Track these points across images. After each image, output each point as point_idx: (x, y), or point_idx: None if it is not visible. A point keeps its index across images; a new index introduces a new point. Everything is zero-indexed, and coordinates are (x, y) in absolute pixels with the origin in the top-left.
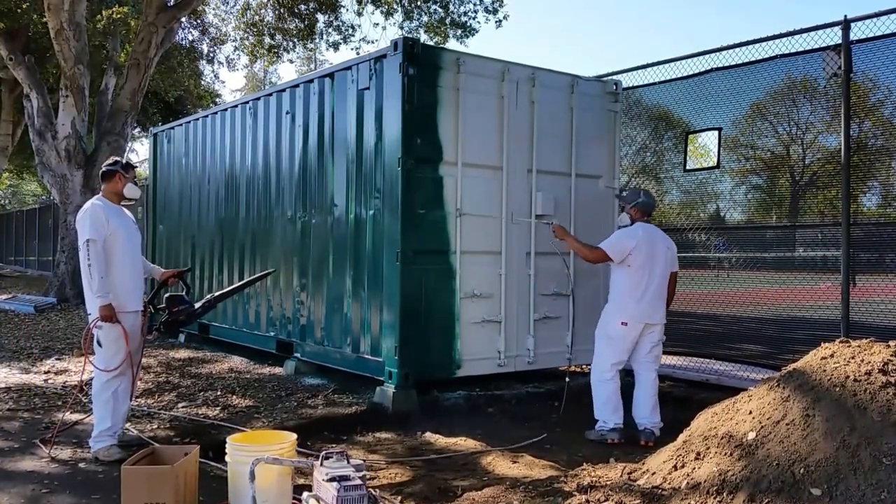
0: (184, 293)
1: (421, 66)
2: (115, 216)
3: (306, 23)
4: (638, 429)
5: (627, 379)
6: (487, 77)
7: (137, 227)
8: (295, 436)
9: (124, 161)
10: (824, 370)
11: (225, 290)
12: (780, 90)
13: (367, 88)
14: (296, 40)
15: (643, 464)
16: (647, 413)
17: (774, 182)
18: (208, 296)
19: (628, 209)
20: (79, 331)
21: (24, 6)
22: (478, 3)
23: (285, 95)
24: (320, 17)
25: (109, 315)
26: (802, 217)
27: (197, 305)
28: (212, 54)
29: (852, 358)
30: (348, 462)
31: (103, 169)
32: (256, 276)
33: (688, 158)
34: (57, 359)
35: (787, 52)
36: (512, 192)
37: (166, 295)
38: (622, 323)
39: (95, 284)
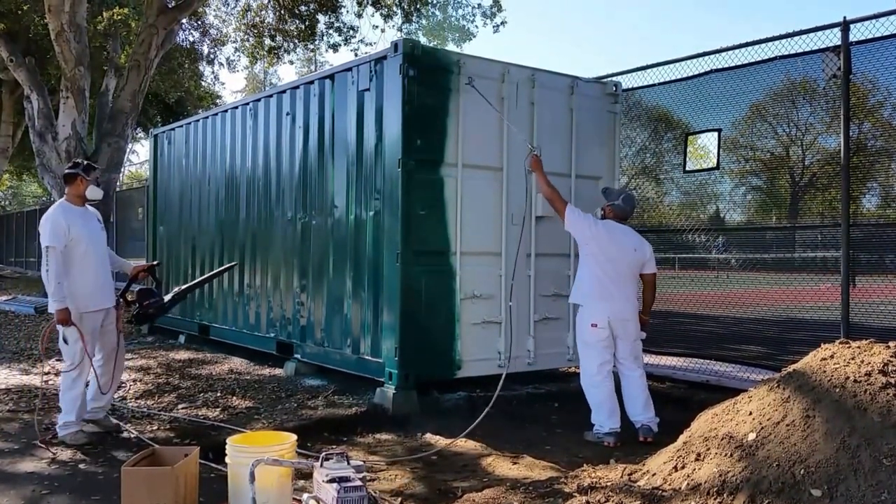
0: (153, 287)
1: (421, 68)
2: (78, 219)
3: (307, 24)
4: (634, 426)
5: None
6: (487, 78)
7: (102, 226)
8: (295, 437)
9: (84, 163)
10: (824, 371)
11: (191, 284)
12: (780, 91)
13: (368, 90)
14: (296, 41)
15: (643, 465)
16: (640, 409)
17: (774, 183)
18: (175, 289)
19: (604, 205)
20: None
21: (25, 8)
22: (476, 7)
23: (285, 97)
24: (321, 19)
25: (65, 319)
26: (802, 218)
27: (166, 298)
28: (212, 56)
29: (852, 359)
30: (348, 463)
31: (65, 172)
32: (220, 269)
33: (687, 160)
34: (57, 360)
35: (786, 53)
36: (512, 194)
37: (136, 289)
38: (592, 325)
39: (52, 288)
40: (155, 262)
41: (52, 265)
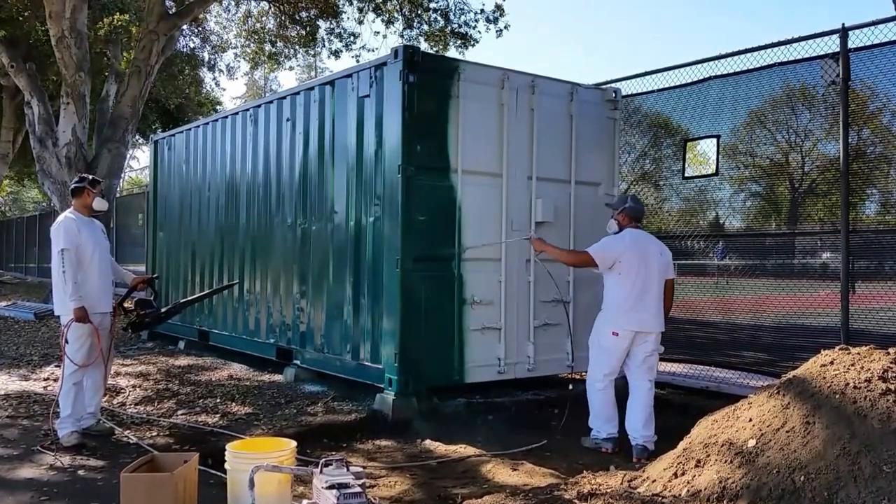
0: (151, 298)
1: (421, 74)
2: (86, 227)
3: (307, 30)
4: (630, 442)
5: (622, 381)
6: (487, 84)
7: (106, 236)
8: (294, 443)
9: (90, 178)
10: (824, 377)
11: (189, 298)
12: (779, 98)
13: (368, 96)
14: (297, 47)
15: (643, 471)
16: (639, 426)
17: (774, 189)
18: (174, 301)
19: (616, 215)
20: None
21: (26, 14)
22: (478, 12)
23: (286, 103)
24: (321, 25)
25: (83, 316)
26: (802, 224)
27: (162, 309)
28: (213, 62)
29: (852, 365)
30: (348, 470)
31: (72, 186)
32: (220, 287)
33: (687, 166)
34: (56, 366)
35: (785, 59)
36: (512, 199)
37: (135, 298)
38: (613, 333)
39: (70, 289)
40: (154, 276)
41: (67, 267)
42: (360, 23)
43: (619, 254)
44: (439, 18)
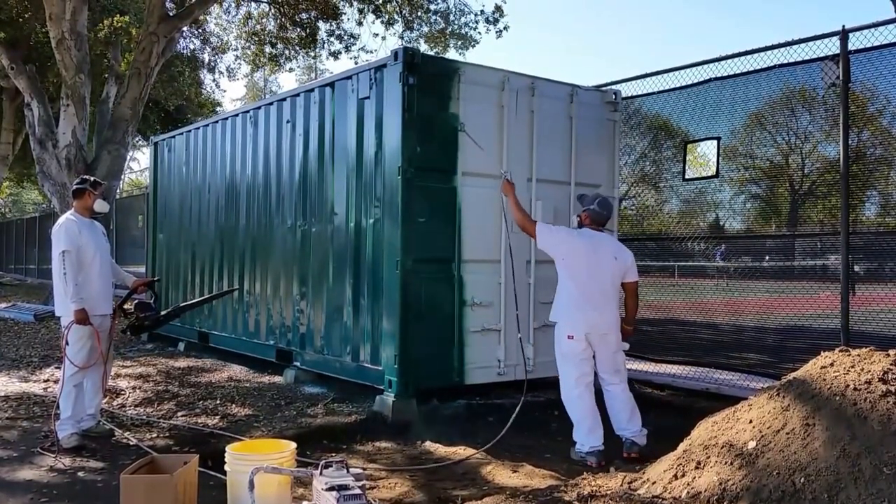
0: (151, 301)
1: (421, 76)
2: (87, 229)
3: (308, 31)
4: (621, 441)
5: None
6: (487, 86)
7: (106, 237)
8: (294, 445)
9: (92, 179)
10: (824, 379)
11: (190, 302)
12: (779, 100)
13: (368, 98)
14: (297, 49)
15: (643, 473)
16: (624, 422)
17: (774, 191)
18: (174, 305)
19: (580, 212)
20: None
21: (26, 16)
22: (478, 14)
23: (286, 104)
24: (321, 26)
25: (83, 318)
26: (802, 226)
27: (162, 313)
28: (213, 63)
29: (852, 367)
30: (348, 471)
31: (74, 187)
32: (220, 292)
33: (687, 168)
34: (56, 367)
35: (785, 61)
36: None
37: (135, 301)
38: (568, 337)
39: (71, 291)
40: (155, 278)
41: (69, 268)
42: (360, 24)
43: (563, 247)
44: (439, 20)
